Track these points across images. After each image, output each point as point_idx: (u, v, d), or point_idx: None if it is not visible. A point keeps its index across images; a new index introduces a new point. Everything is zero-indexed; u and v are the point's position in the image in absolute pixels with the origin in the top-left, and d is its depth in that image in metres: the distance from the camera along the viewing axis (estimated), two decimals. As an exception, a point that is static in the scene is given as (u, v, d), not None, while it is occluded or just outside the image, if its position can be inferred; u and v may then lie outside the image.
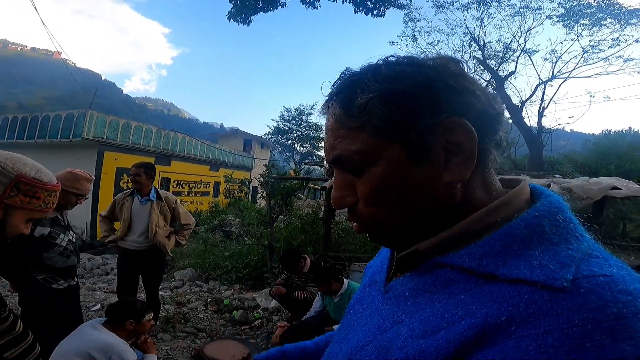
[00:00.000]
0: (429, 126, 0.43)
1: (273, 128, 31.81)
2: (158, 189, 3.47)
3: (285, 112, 31.61)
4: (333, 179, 0.52)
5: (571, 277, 0.35)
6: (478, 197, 0.46)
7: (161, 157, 15.66)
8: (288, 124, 31.93)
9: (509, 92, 17.09)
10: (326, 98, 0.50)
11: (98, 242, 11.14)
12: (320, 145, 33.46)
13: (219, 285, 5.93)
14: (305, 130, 31.42)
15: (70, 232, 2.54)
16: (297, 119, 31.58)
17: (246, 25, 7.10)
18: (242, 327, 3.94)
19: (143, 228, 3.33)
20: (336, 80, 0.50)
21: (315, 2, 6.46)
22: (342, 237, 6.76)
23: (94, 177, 2.72)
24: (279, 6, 6.45)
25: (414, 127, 0.43)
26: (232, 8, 6.79)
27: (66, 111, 12.99)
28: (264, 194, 8.33)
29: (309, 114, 31.37)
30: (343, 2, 6.39)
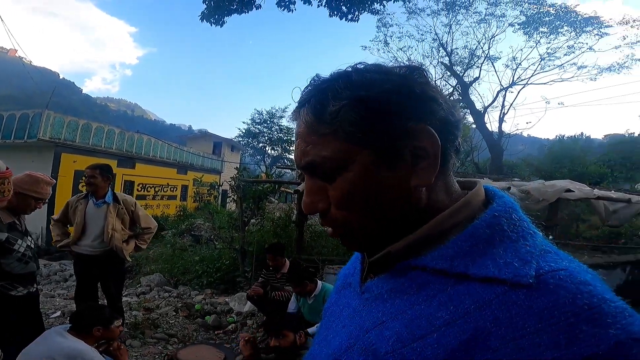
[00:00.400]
0: (397, 132, 0.45)
1: (244, 131, 31.45)
2: (115, 192, 3.35)
3: (257, 115, 31.39)
4: (304, 183, 0.53)
5: (534, 272, 0.38)
6: (440, 200, 0.48)
7: (124, 159, 15.02)
8: (259, 126, 31.69)
9: (472, 97, 17.75)
10: (297, 104, 0.51)
11: (54, 248, 10.49)
12: (291, 148, 33.55)
13: (190, 290, 5.78)
14: (277, 133, 31.30)
15: (29, 237, 2.43)
16: (268, 122, 31.41)
17: (219, 26, 7.01)
18: (216, 332, 3.86)
19: (98, 232, 3.19)
20: (306, 87, 0.51)
21: (290, 5, 6.47)
22: (314, 240, 6.79)
23: (54, 181, 2.60)
24: (254, 8, 6.41)
25: (383, 133, 0.45)
26: (205, 9, 6.67)
27: (20, 111, 12.21)
28: (235, 198, 8.23)
29: (281, 117, 31.30)
30: (318, 6, 6.45)
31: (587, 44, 17.09)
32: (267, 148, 32.21)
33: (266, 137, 31.62)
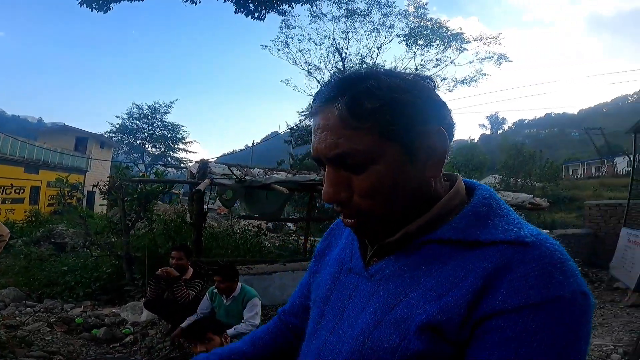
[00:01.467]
0: (421, 131, 0.53)
1: (117, 126, 27.77)
2: None
3: (136, 109, 28.08)
4: (324, 175, 0.56)
5: (527, 237, 0.50)
6: (439, 189, 0.58)
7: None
8: (138, 122, 28.43)
9: None
10: (321, 99, 0.54)
11: None
12: (176, 146, 30.96)
13: (61, 304, 5.00)
14: (160, 130, 28.58)
15: None
16: (150, 118, 28.42)
17: (102, 12, 6.24)
18: (111, 345, 3.50)
19: None
20: (329, 84, 0.55)
21: None
22: (210, 242, 6.62)
23: None
24: None
25: (412, 131, 0.52)
26: (88, -9, 5.86)
27: None
28: (110, 199, 7.34)
29: (165, 113, 28.67)
30: (225, 1, 6.31)
31: (450, 57, 19.99)
32: (146, 145, 29.10)
33: (146, 134, 28.58)
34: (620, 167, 23.28)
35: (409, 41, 19.52)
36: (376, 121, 0.51)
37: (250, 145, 22.27)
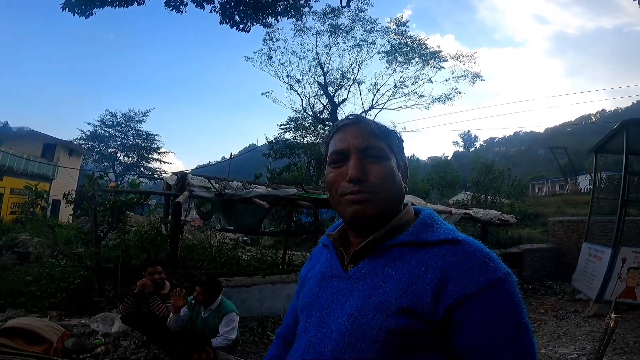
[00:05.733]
0: (402, 156, 0.85)
1: (89, 133, 26.80)
2: None
3: (109, 117, 27.20)
4: (351, 163, 0.79)
5: (460, 236, 0.73)
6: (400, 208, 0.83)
7: None
8: (111, 130, 27.54)
9: (339, 117, 19.32)
10: (352, 118, 0.84)
11: None
12: (150, 156, 30.00)
13: (25, 314, 4.75)
14: (134, 138, 27.75)
15: None
16: (123, 126, 27.59)
17: (84, 17, 6.15)
18: (81, 356, 3.36)
19: None
20: (355, 114, 0.88)
21: (181, 7, 6.18)
22: (185, 254, 6.49)
23: None
24: (135, 3, 5.86)
25: (399, 153, 0.84)
26: (70, -5, 5.77)
27: None
28: (81, 209, 7.08)
29: (140, 122, 27.88)
30: (211, 11, 6.35)
31: (427, 75, 20.53)
32: (118, 154, 28.15)
33: (119, 142, 27.70)
34: (583, 185, 24.58)
35: (390, 58, 20.01)
36: (386, 138, 0.82)
37: (226, 157, 22.02)
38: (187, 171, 7.58)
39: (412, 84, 20.65)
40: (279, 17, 6.98)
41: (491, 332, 0.64)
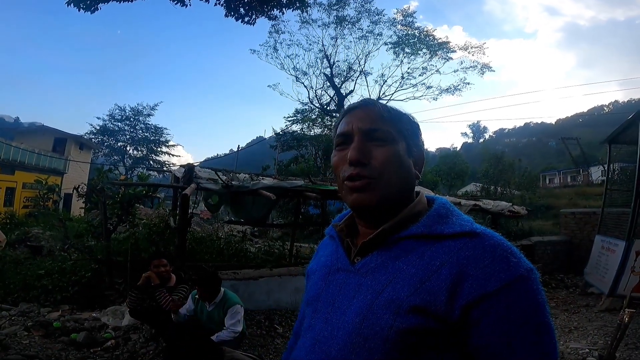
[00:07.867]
0: (415, 140, 0.77)
1: (98, 127, 27.08)
2: None
3: (118, 111, 27.45)
4: (352, 145, 0.74)
5: (478, 228, 0.66)
6: (411, 197, 0.76)
7: None
8: (120, 124, 27.81)
9: None
10: (363, 101, 0.78)
11: None
12: (159, 149, 30.32)
13: (38, 307, 4.85)
14: (143, 132, 28.02)
15: None
16: (132, 120, 27.83)
17: (89, 12, 6.12)
18: (92, 350, 3.41)
19: None
20: (364, 98, 0.81)
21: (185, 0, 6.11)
22: (194, 247, 6.54)
23: None
24: None
25: (411, 137, 0.76)
26: (76, -10, 5.73)
27: None
28: (90, 202, 7.15)
29: (149, 115, 28.09)
30: (215, 4, 6.27)
31: (436, 66, 20.33)
32: (128, 148, 28.43)
33: (128, 136, 27.96)
34: (595, 176, 24.14)
35: (397, 49, 19.80)
36: (395, 121, 0.75)
37: (234, 149, 22.09)
38: (195, 164, 7.60)
39: (419, 75, 20.44)
40: (284, 9, 6.82)
41: (511, 333, 0.59)
